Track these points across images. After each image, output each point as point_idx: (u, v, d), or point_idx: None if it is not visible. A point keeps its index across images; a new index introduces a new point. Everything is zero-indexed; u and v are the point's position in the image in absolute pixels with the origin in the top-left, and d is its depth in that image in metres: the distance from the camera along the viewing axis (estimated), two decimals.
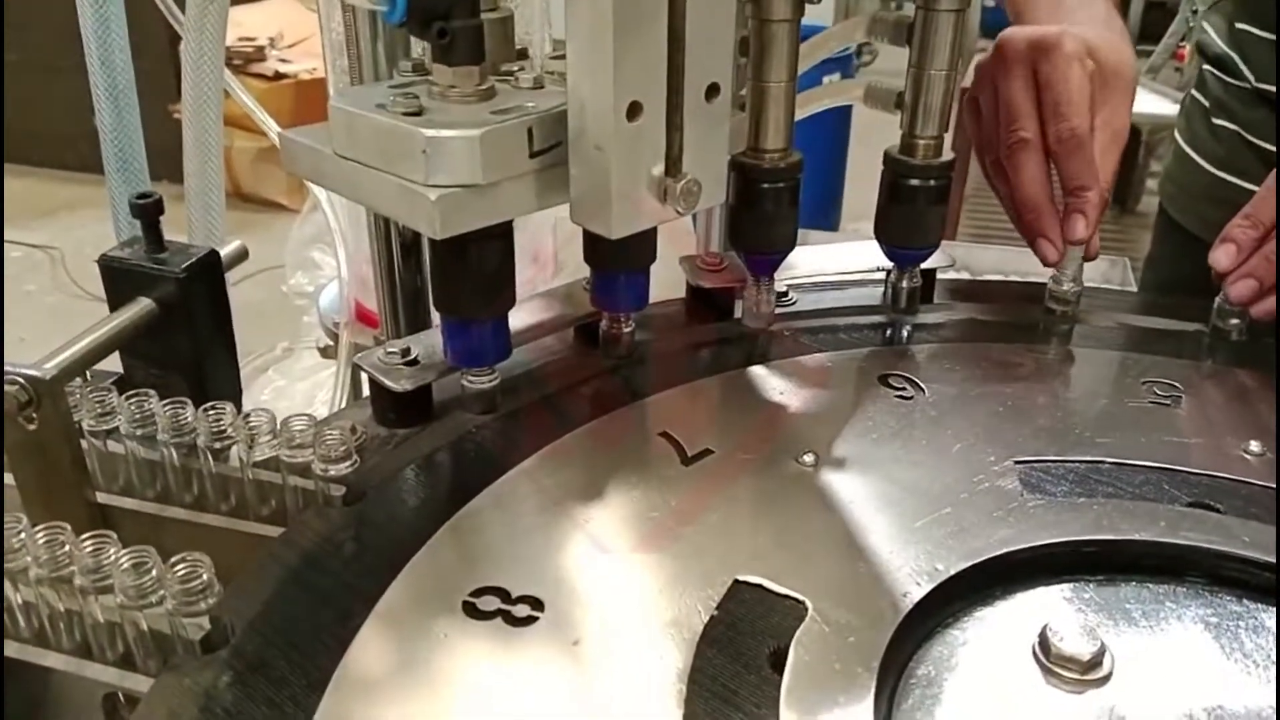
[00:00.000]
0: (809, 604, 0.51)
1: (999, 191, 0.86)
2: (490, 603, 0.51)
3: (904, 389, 0.70)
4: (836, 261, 0.85)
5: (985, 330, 0.80)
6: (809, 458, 0.62)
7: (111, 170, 1.01)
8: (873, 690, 0.47)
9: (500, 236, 0.62)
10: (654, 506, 0.59)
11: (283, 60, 3.86)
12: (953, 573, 0.53)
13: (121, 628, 0.51)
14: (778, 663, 0.48)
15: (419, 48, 0.76)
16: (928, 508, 0.58)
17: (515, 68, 0.64)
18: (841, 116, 3.22)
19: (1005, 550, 0.55)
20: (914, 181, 0.75)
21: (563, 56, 0.63)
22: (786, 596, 0.52)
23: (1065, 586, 0.56)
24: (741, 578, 0.53)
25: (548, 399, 0.70)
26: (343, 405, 1.05)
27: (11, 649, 0.54)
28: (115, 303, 0.69)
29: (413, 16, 0.55)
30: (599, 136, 0.57)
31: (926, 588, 0.52)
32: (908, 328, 0.80)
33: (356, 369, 1.11)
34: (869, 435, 0.65)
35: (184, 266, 0.68)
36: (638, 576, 0.54)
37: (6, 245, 3.86)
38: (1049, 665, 0.50)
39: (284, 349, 1.61)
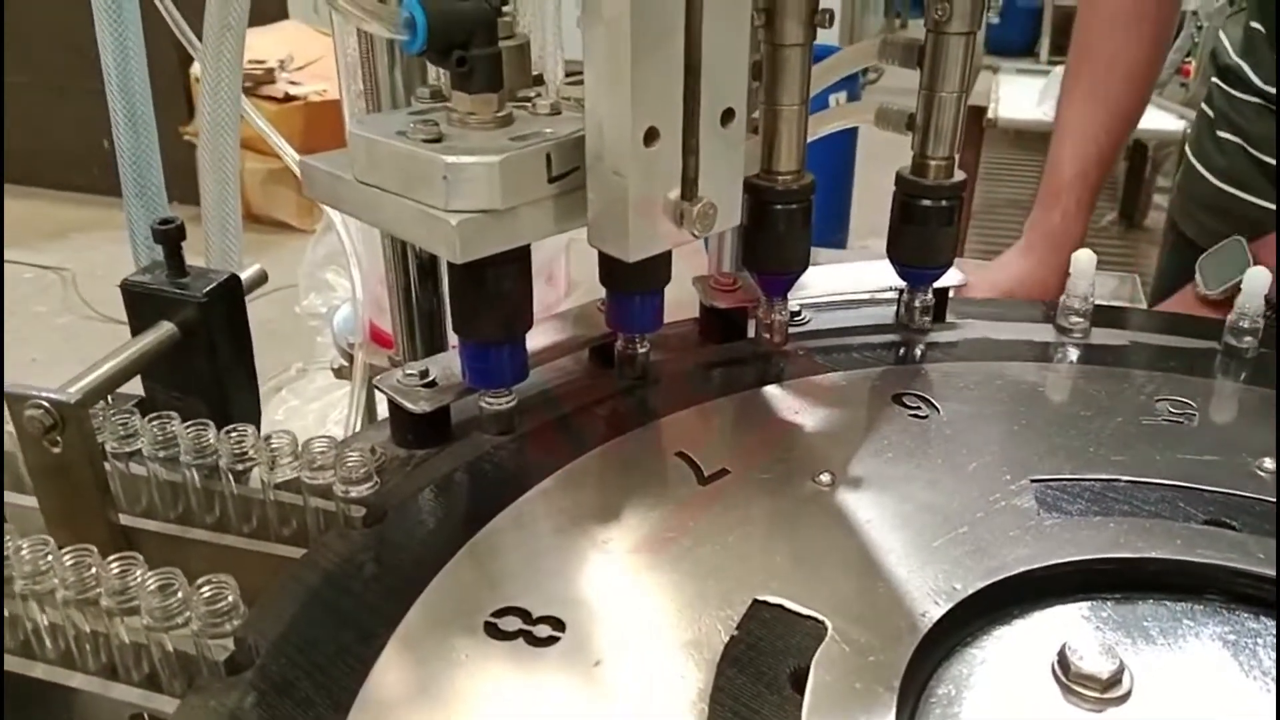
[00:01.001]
0: (828, 624, 0.51)
1: None
2: (512, 623, 0.52)
3: (919, 408, 0.71)
4: (849, 281, 0.85)
5: (999, 349, 0.80)
6: (825, 477, 0.62)
7: (129, 194, 1.02)
8: (894, 710, 0.47)
9: (518, 260, 0.62)
10: (672, 527, 0.59)
11: (292, 83, 3.89)
12: (971, 592, 0.54)
13: (147, 649, 0.52)
14: (799, 683, 0.49)
15: (435, 74, 0.77)
16: (945, 527, 0.58)
17: (532, 94, 0.65)
18: (849, 135, 3.23)
19: (1023, 569, 0.55)
20: (926, 202, 0.76)
21: (578, 82, 0.64)
22: (806, 616, 0.52)
23: (1083, 605, 0.56)
24: (761, 598, 0.53)
25: (565, 419, 0.70)
26: (358, 426, 1.06)
27: (38, 670, 0.55)
28: (137, 327, 0.70)
29: (432, 46, 0.56)
30: (617, 161, 0.57)
31: (945, 607, 0.52)
32: (921, 346, 0.81)
33: (372, 390, 1.12)
34: (884, 454, 0.65)
35: (205, 291, 0.69)
36: (657, 597, 0.55)
37: (18, 267, 3.89)
38: (1068, 684, 0.50)
39: (298, 369, 1.62)
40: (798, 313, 0.84)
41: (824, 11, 0.70)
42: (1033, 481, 0.62)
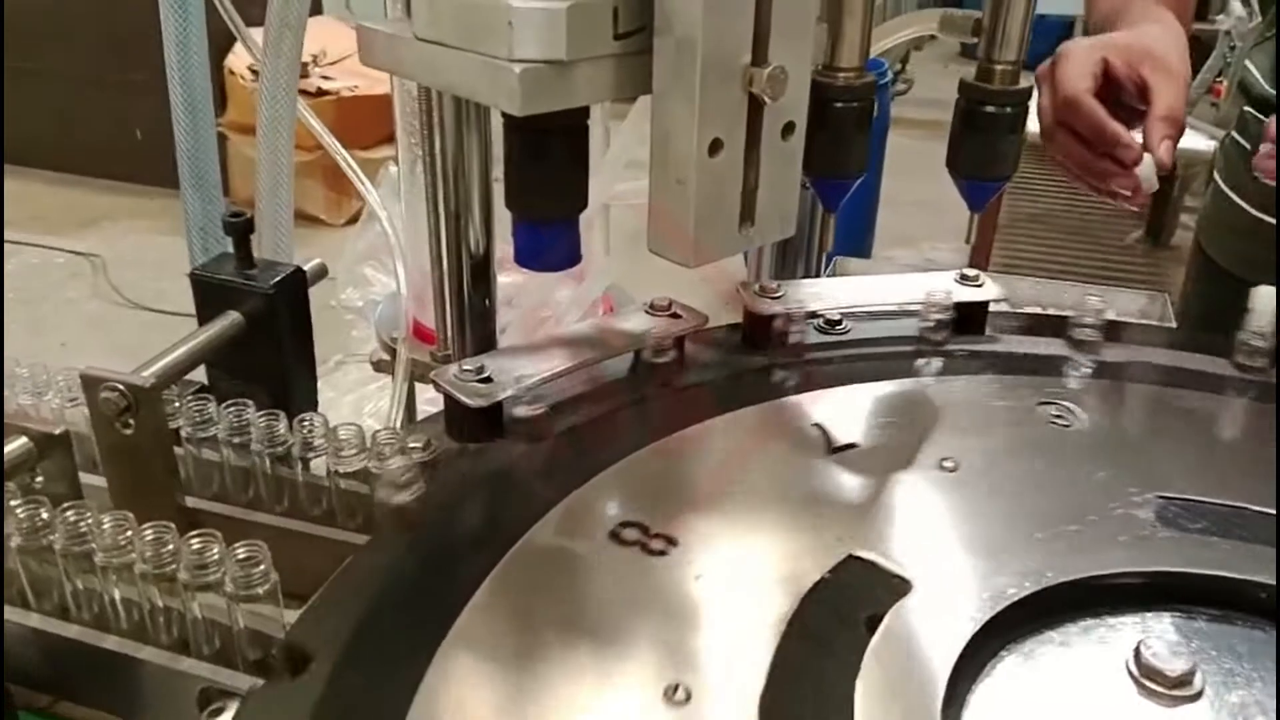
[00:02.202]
0: (915, 585, 0.55)
1: (1065, 157, 0.94)
2: (632, 534, 0.59)
3: (1061, 416, 0.71)
4: (887, 292, 0.87)
5: (1161, 374, 0.79)
6: (950, 463, 0.65)
7: (186, 186, 1.05)
8: (952, 664, 0.50)
9: (575, 129, 0.61)
10: (794, 483, 0.64)
11: (325, 78, 3.92)
12: (1059, 581, 0.55)
13: (219, 625, 0.54)
14: (872, 626, 0.52)
15: None
16: (1055, 522, 0.59)
17: None
18: (876, 148, 3.24)
19: (1116, 570, 0.56)
20: (990, 108, 0.73)
21: None
22: (895, 575, 0.55)
23: (1177, 616, 0.56)
24: (857, 553, 0.57)
25: (720, 381, 0.75)
26: (399, 418, 1.08)
27: (110, 642, 0.57)
28: (205, 316, 0.72)
29: None
30: (681, 170, 0.59)
31: (1030, 589, 0.54)
32: (1089, 363, 0.79)
33: (413, 384, 1.14)
34: (1017, 453, 0.67)
35: (272, 283, 0.71)
36: (765, 536, 0.60)
37: (50, 252, 3.94)
38: (1138, 677, 0.51)
39: (337, 362, 1.65)
40: (838, 321, 0.85)
41: None
42: (1158, 497, 0.62)
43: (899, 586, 0.55)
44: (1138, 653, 0.52)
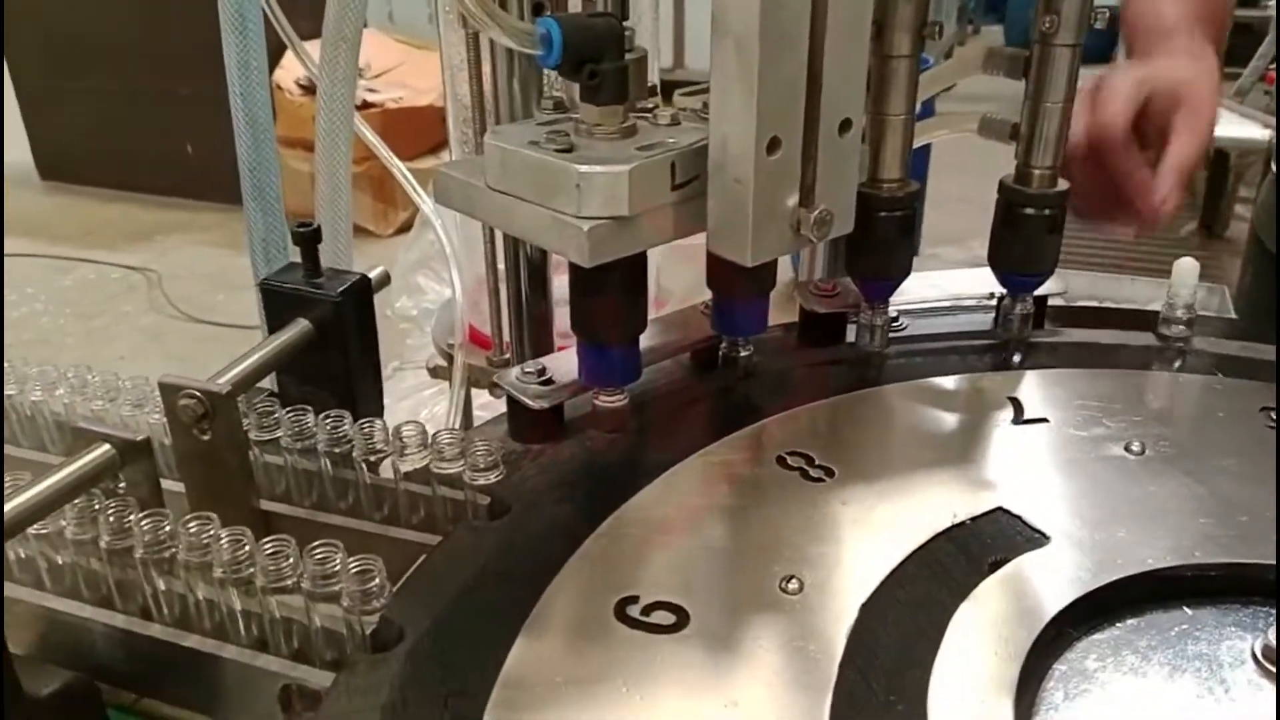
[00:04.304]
0: (1051, 540, 0.57)
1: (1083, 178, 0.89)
2: (797, 461, 0.66)
3: None
4: (951, 287, 0.86)
5: None
6: (1137, 445, 0.66)
7: (248, 200, 1.07)
8: (1056, 612, 0.52)
9: (636, 265, 0.65)
10: (968, 445, 0.68)
11: (370, 90, 3.98)
12: (1205, 561, 0.55)
13: (297, 624, 0.56)
14: (994, 568, 0.55)
15: (550, 82, 0.80)
16: (1225, 513, 0.59)
17: (650, 104, 0.68)
18: (923, 145, 3.21)
19: (1264, 561, 0.56)
20: (1029, 210, 0.76)
21: (693, 93, 0.66)
22: (1036, 530, 0.58)
23: None
24: (1005, 506, 0.60)
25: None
26: (457, 424, 1.10)
27: (192, 640, 0.59)
28: (274, 324, 0.74)
29: (566, 61, 0.59)
30: (739, 170, 0.60)
31: (1169, 562, 0.55)
32: None
33: (470, 388, 1.16)
34: (1215, 449, 0.66)
35: (340, 290, 0.72)
36: (921, 482, 0.64)
37: (106, 268, 4.04)
38: (1260, 659, 0.51)
39: (394, 369, 1.69)
40: (895, 318, 0.85)
41: (933, 24, 0.72)
42: None
43: (1036, 540, 0.57)
44: (1265, 636, 0.51)
